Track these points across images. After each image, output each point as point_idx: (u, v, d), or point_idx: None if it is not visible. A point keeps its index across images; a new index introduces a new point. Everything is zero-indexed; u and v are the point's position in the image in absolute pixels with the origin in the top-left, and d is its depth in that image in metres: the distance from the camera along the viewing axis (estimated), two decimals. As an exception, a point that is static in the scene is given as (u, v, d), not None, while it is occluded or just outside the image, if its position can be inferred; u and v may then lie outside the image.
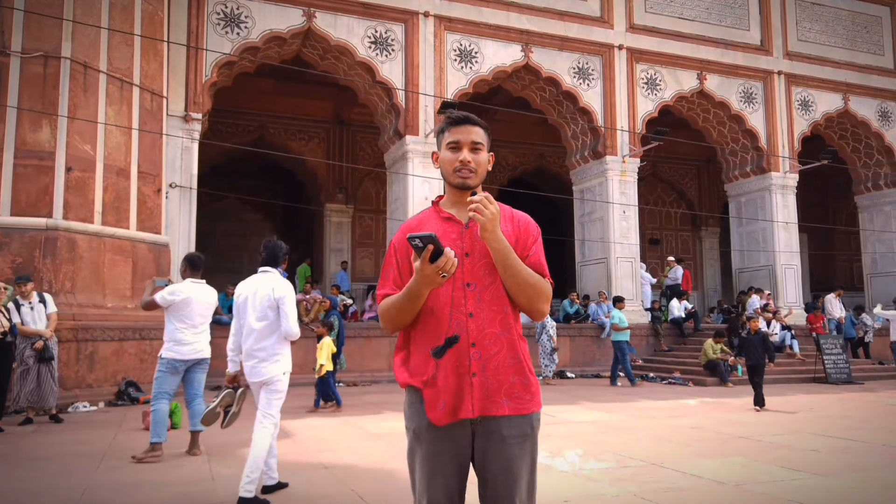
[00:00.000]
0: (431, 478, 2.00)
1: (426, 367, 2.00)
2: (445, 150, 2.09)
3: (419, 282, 1.88)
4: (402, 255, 2.07)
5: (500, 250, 1.94)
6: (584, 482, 4.91)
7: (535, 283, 1.99)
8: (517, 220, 2.10)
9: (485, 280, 1.99)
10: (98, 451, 6.15)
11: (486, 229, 1.90)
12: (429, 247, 1.82)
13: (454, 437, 1.99)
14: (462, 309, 1.97)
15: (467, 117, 2.09)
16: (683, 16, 16.34)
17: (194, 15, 12.51)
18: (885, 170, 18.72)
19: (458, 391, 1.96)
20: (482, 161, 2.08)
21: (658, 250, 22.93)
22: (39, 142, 9.63)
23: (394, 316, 2.02)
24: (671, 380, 13.16)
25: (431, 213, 2.12)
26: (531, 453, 2.03)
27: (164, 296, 5.79)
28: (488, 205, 1.89)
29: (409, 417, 2.07)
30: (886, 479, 5.14)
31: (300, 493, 4.66)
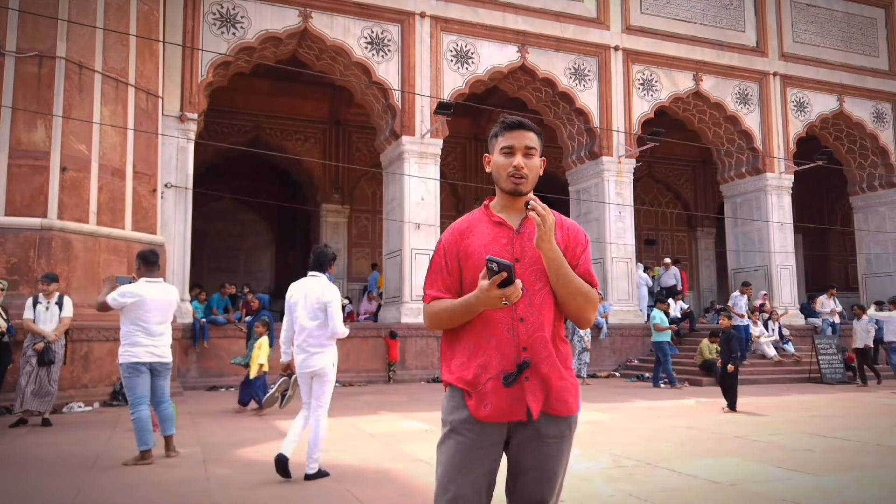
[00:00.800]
0: (462, 471, 1.99)
1: (469, 367, 2.01)
2: (499, 155, 2.09)
3: (479, 300, 1.90)
4: (452, 255, 2.07)
5: (555, 259, 1.96)
6: (579, 482, 4.92)
7: (586, 293, 2.02)
8: (566, 228, 2.11)
9: (535, 286, 2.01)
10: (92, 451, 6.13)
11: (542, 238, 1.93)
12: (502, 273, 1.84)
13: (492, 434, 2.00)
14: (514, 314, 1.99)
15: (521, 122, 2.10)
16: (679, 17, 16.38)
17: (190, 15, 12.50)
18: (879, 171, 18.78)
19: (510, 393, 1.97)
20: (535, 166, 2.08)
21: (654, 251, 22.96)
22: (34, 142, 9.60)
23: (444, 320, 2.04)
24: (667, 380, 13.17)
25: (482, 216, 2.11)
26: (567, 454, 2.06)
27: (116, 297, 5.47)
28: (547, 216, 1.92)
29: (448, 411, 2.06)
30: (881, 478, 5.16)
31: (296, 494, 4.65)
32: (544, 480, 2.01)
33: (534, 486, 2.01)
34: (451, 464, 2.00)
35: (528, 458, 2.00)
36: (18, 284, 8.96)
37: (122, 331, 5.57)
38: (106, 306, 5.57)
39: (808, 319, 16.58)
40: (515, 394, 1.97)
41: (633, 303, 15.58)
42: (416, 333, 13.37)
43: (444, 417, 2.07)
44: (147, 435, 5.51)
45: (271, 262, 22.60)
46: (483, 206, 2.15)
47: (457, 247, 2.06)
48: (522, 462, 2.01)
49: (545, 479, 2.01)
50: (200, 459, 5.77)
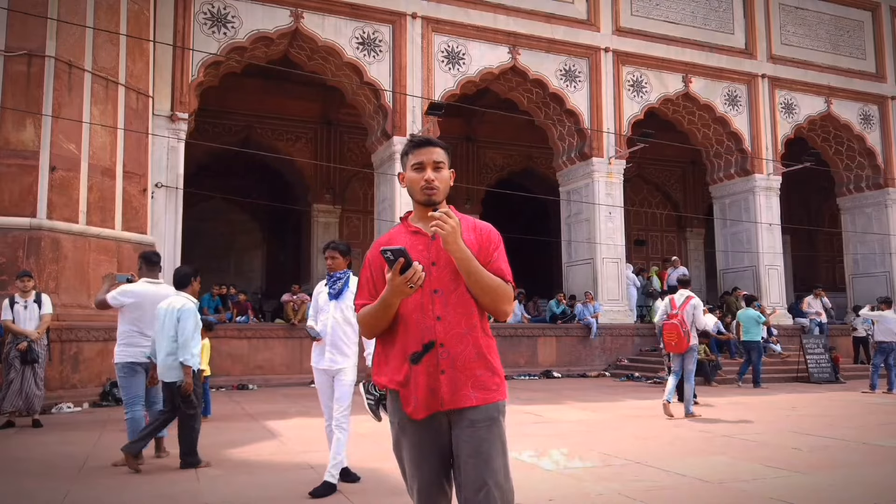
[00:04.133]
0: (419, 464, 2.19)
1: (400, 369, 2.17)
2: (411, 171, 2.27)
3: (390, 292, 2.08)
4: (377, 267, 2.24)
5: (463, 259, 2.11)
6: (568, 481, 4.96)
7: (496, 287, 2.16)
8: (479, 230, 2.27)
9: (450, 286, 2.17)
10: (82, 452, 6.11)
11: (447, 241, 2.08)
12: (399, 259, 2.01)
13: (433, 428, 2.17)
14: (430, 314, 2.15)
15: (428, 140, 2.29)
16: (669, 19, 16.48)
17: (181, 14, 12.45)
18: (866, 172, 18.96)
19: (429, 387, 2.13)
20: (444, 178, 2.27)
21: (644, 251, 23.09)
22: (23, 141, 9.55)
23: (370, 323, 2.21)
24: (657, 379, 13.26)
25: (401, 229, 2.31)
26: (500, 437, 2.18)
27: (116, 296, 5.47)
28: (448, 219, 2.07)
29: (392, 412, 2.26)
30: (866, 476, 5.23)
31: (287, 494, 4.66)
32: (482, 464, 2.12)
33: (474, 472, 2.11)
34: (408, 459, 2.21)
35: (463, 445, 2.14)
36: (7, 284, 8.90)
37: (120, 330, 5.55)
38: (105, 304, 5.56)
39: (796, 319, 16.72)
40: (434, 386, 2.12)
41: (623, 303, 15.66)
42: (407, 333, 13.39)
43: (391, 419, 2.27)
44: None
45: (262, 262, 22.56)
46: (401, 219, 2.34)
47: (379, 259, 2.18)
48: (460, 451, 2.14)
49: (482, 462, 2.12)
50: (191, 459, 5.75)
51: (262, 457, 5.94)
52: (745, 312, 13.08)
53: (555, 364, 14.53)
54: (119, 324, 5.59)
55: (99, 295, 5.72)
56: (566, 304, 15.47)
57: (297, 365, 12.61)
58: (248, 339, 12.55)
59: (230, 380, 12.11)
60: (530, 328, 14.84)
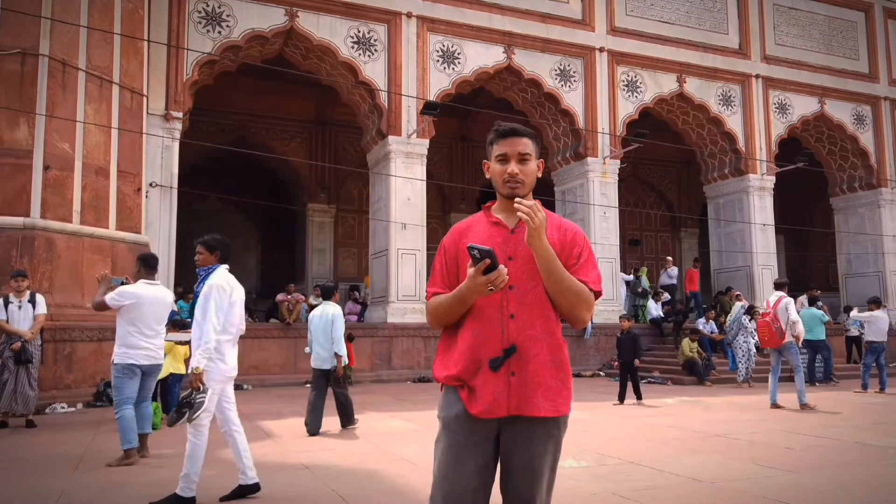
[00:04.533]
0: (453, 466, 2.04)
1: (461, 363, 2.05)
2: (495, 163, 2.16)
3: (469, 289, 1.96)
4: (451, 255, 2.15)
5: (545, 257, 2.00)
6: (563, 481, 4.94)
7: (577, 291, 2.04)
8: (564, 229, 2.16)
9: (527, 284, 2.05)
10: (76, 452, 6.09)
11: (532, 235, 1.97)
12: (485, 260, 1.90)
13: (482, 431, 2.04)
14: (504, 311, 2.04)
15: (514, 129, 2.15)
16: (664, 19, 16.52)
17: (175, 13, 12.43)
18: (859, 172, 19.06)
19: (496, 388, 2.01)
20: (530, 171, 2.14)
21: (638, 251, 23.14)
22: (17, 140, 9.51)
23: (441, 314, 2.10)
24: (650, 379, 13.30)
25: (482, 217, 2.19)
26: (554, 453, 2.10)
27: (115, 297, 5.54)
28: (537, 212, 1.96)
29: (442, 407, 2.12)
30: (858, 475, 5.25)
31: (281, 494, 4.66)
32: (531, 479, 2.04)
33: (522, 485, 2.04)
34: (444, 459, 2.05)
35: (517, 457, 2.04)
36: (0, 285, 8.87)
37: (119, 331, 5.60)
38: (104, 305, 5.62)
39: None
40: (502, 389, 2.00)
41: (618, 303, 15.70)
42: (402, 333, 13.40)
43: (439, 414, 2.13)
44: (131, 434, 5.57)
45: (257, 262, 22.49)
46: (484, 208, 2.23)
47: (455, 246, 2.13)
48: (511, 461, 2.05)
49: (532, 478, 2.04)
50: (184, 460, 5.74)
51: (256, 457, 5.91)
52: (808, 312, 13.09)
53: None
54: (118, 325, 5.63)
55: (97, 297, 5.78)
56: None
57: (292, 365, 12.61)
58: (242, 338, 12.49)
59: (225, 380, 12.08)
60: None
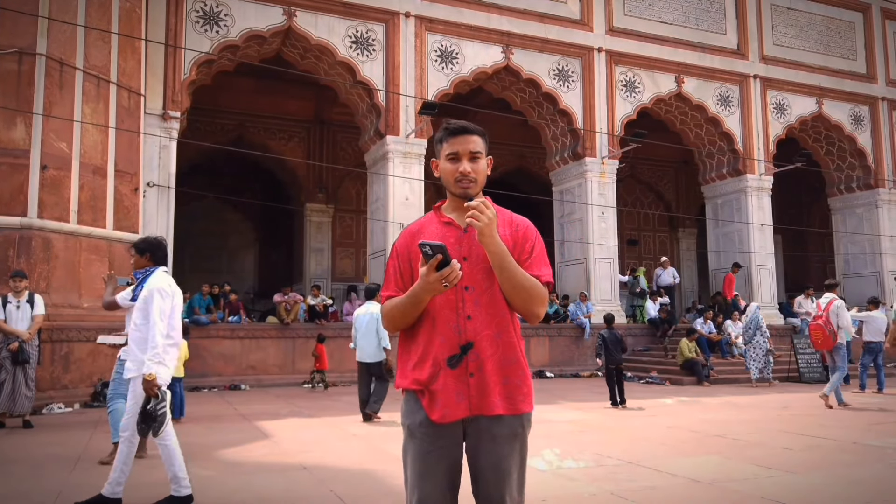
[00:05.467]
0: (424, 474, 2.02)
1: (423, 369, 2.03)
2: (445, 161, 2.12)
3: (422, 288, 1.94)
4: (404, 258, 2.11)
5: (497, 253, 1.97)
6: (561, 481, 4.96)
7: (529, 287, 2.01)
8: (516, 225, 2.13)
9: (483, 284, 2.03)
10: (73, 453, 6.07)
11: (482, 233, 1.94)
12: (437, 256, 1.87)
13: (446, 435, 2.02)
14: (460, 312, 2.01)
15: (464, 127, 2.12)
16: (662, 19, 16.53)
17: (173, 12, 12.40)
18: (857, 172, 19.08)
19: (456, 391, 1.99)
20: (481, 169, 2.11)
21: (636, 251, 23.16)
22: (13, 140, 9.48)
23: (396, 317, 2.07)
24: (649, 379, 13.31)
25: (432, 218, 2.16)
26: (520, 452, 2.07)
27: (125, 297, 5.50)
28: (485, 210, 1.93)
29: (405, 414, 2.10)
30: (856, 476, 5.25)
31: (280, 495, 4.65)
32: (501, 481, 2.02)
33: (492, 486, 2.02)
34: (413, 468, 2.04)
35: (483, 458, 2.02)
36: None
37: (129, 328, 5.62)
38: (115, 305, 5.62)
39: (787, 319, 16.81)
40: (462, 391, 1.99)
41: (616, 303, 15.70)
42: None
43: (403, 421, 2.11)
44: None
45: (255, 262, 22.49)
46: (434, 208, 2.19)
47: (408, 248, 2.09)
48: (478, 464, 2.03)
49: (500, 479, 2.02)
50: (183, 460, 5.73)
51: (254, 457, 5.93)
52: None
53: (547, 364, 14.55)
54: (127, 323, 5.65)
55: (106, 297, 5.82)
56: (559, 304, 15.49)
57: (290, 365, 12.60)
58: (240, 339, 12.52)
59: (222, 380, 12.07)
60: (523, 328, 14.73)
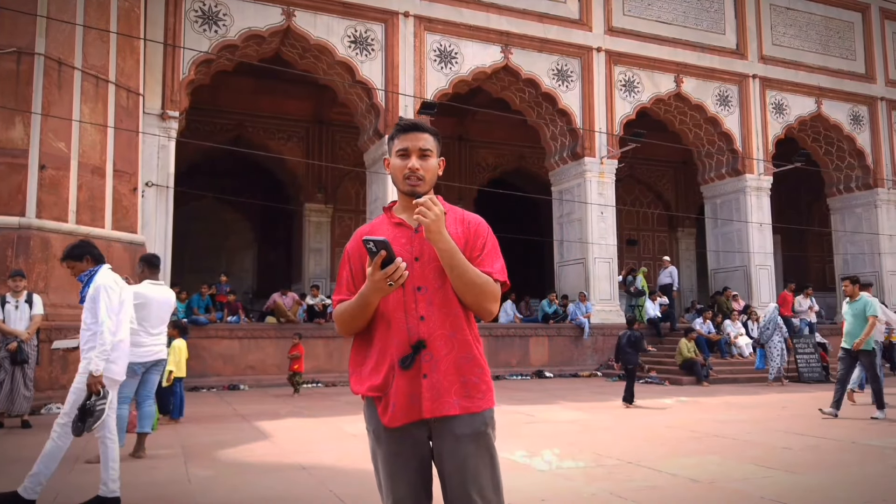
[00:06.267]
0: (394, 477, 2.01)
1: (378, 373, 2.00)
2: (395, 157, 2.10)
3: (369, 288, 1.92)
4: (356, 260, 2.08)
5: (446, 250, 1.94)
6: (561, 481, 4.96)
7: (481, 284, 1.98)
8: (467, 222, 2.10)
9: (435, 283, 2.00)
10: (71, 453, 6.03)
11: (430, 230, 1.91)
12: (381, 252, 1.85)
13: (412, 437, 2.00)
14: (413, 313, 1.98)
15: (416, 124, 2.11)
16: (661, 19, 16.53)
17: (171, 12, 12.39)
18: (856, 172, 19.09)
19: (409, 393, 1.96)
20: (431, 167, 2.09)
21: (636, 251, 23.16)
22: (12, 139, 9.47)
23: (346, 321, 2.04)
24: (648, 379, 13.31)
25: (383, 219, 2.14)
26: (488, 449, 2.01)
27: None
28: (432, 206, 1.91)
29: (368, 419, 2.09)
30: (855, 475, 5.25)
31: (278, 495, 4.64)
32: (469, 482, 1.95)
33: (459, 489, 1.96)
34: (383, 471, 2.03)
35: (447, 460, 1.98)
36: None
37: None
38: None
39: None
40: (414, 392, 1.95)
41: (615, 303, 15.71)
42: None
43: (367, 426, 2.10)
44: (121, 434, 5.59)
45: (253, 262, 22.47)
46: (384, 210, 2.17)
47: (359, 251, 2.04)
48: (443, 467, 1.99)
49: (470, 480, 1.95)
50: (182, 461, 5.73)
51: (253, 458, 5.92)
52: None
53: (547, 364, 14.55)
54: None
55: None
56: (558, 303, 15.49)
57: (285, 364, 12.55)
58: (238, 339, 12.50)
59: (221, 380, 12.06)
60: (522, 328, 14.85)
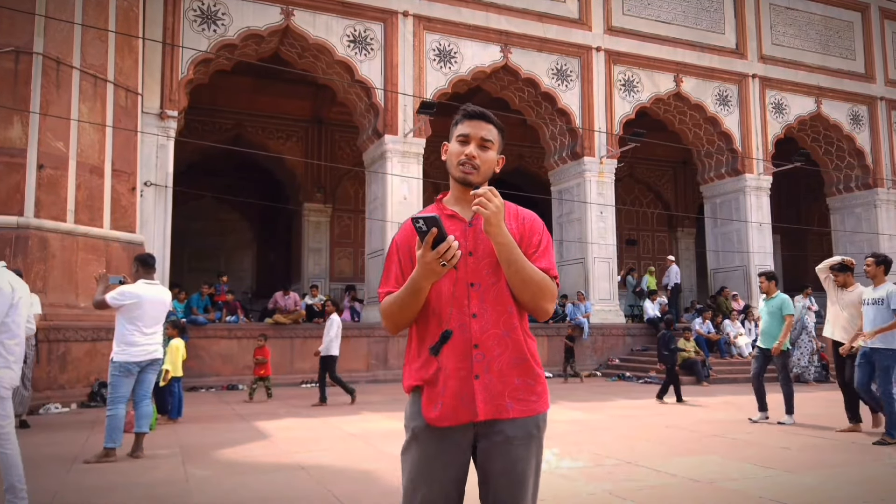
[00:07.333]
0: (427, 480, 1.91)
1: (428, 369, 1.94)
2: (454, 142, 2.04)
3: (420, 272, 1.82)
4: (405, 252, 2.00)
5: (505, 244, 1.87)
6: (560, 481, 4.95)
7: (539, 281, 1.91)
8: (522, 217, 2.04)
9: (489, 279, 1.93)
10: (69, 453, 6.05)
11: (490, 223, 1.84)
12: (432, 230, 1.75)
13: (454, 440, 1.92)
14: (465, 310, 1.91)
15: (483, 113, 2.04)
16: (660, 18, 16.52)
17: (170, 11, 12.37)
18: (855, 172, 19.09)
19: (460, 393, 1.89)
20: (488, 159, 2.02)
21: (635, 251, 23.15)
22: (10, 139, 9.45)
23: (395, 313, 1.95)
24: (647, 379, 13.29)
25: (434, 210, 2.06)
26: (536, 455, 1.97)
27: (115, 297, 5.63)
28: (493, 198, 1.84)
29: (409, 416, 2.00)
30: (854, 475, 5.25)
31: (277, 495, 4.63)
32: (515, 485, 1.90)
33: (505, 492, 1.91)
34: (416, 472, 1.93)
35: (496, 463, 1.91)
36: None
37: (118, 329, 5.67)
38: (104, 304, 5.69)
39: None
40: (465, 393, 1.88)
41: (614, 302, 15.70)
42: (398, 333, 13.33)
43: (406, 423, 2.00)
44: (117, 434, 5.61)
45: (253, 262, 22.46)
46: (436, 200, 2.09)
47: (408, 243, 1.98)
48: (490, 468, 1.92)
49: (515, 483, 1.91)
50: (180, 461, 5.72)
51: (252, 458, 5.91)
52: None
53: (546, 364, 14.52)
54: (118, 323, 5.71)
55: (97, 296, 5.87)
56: (557, 303, 15.49)
57: (288, 365, 12.57)
58: (237, 339, 12.48)
59: (220, 380, 12.05)
60: (521, 327, 14.82)
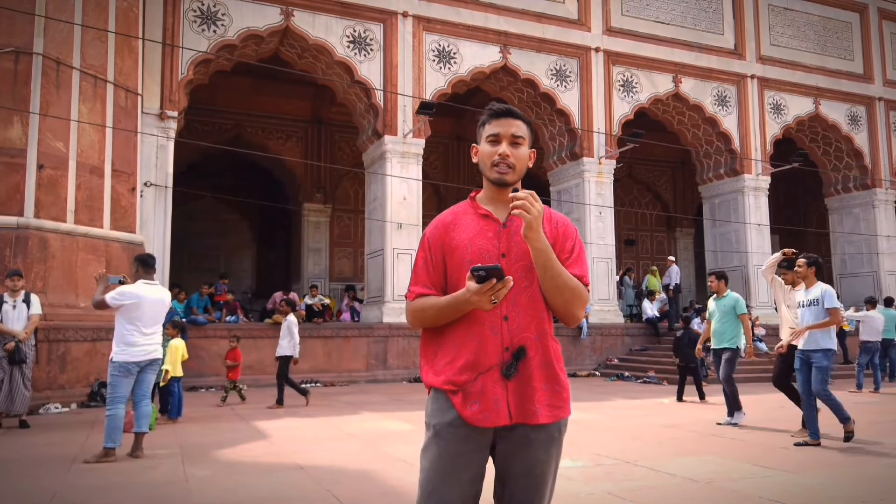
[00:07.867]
0: (447, 479, 1.89)
1: (452, 366, 1.91)
2: (485, 144, 2.01)
3: (468, 301, 1.81)
4: (436, 249, 1.98)
5: (542, 250, 1.85)
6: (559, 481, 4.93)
7: (573, 287, 1.90)
8: (556, 221, 2.02)
9: (521, 283, 1.91)
10: (69, 453, 6.06)
11: (530, 227, 1.82)
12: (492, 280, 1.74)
13: (476, 440, 1.91)
14: (497, 312, 1.89)
15: (509, 110, 2.02)
16: (659, 19, 16.54)
17: (170, 12, 12.38)
18: (854, 172, 19.12)
19: (494, 396, 1.88)
20: (522, 156, 2.00)
21: (634, 251, 23.18)
22: (10, 139, 9.46)
23: (430, 318, 1.94)
24: (646, 379, 13.32)
25: (467, 208, 2.03)
26: (556, 458, 1.99)
27: (115, 297, 5.64)
28: (534, 202, 1.82)
29: (432, 414, 1.96)
30: (854, 475, 5.26)
31: (276, 495, 4.64)
32: (532, 486, 1.92)
33: (522, 493, 1.92)
34: (435, 470, 1.90)
35: (517, 463, 1.92)
36: (-6, 284, 8.81)
37: (118, 329, 5.68)
38: (104, 304, 5.70)
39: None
40: (500, 396, 1.87)
41: (613, 302, 15.73)
42: (397, 333, 13.37)
43: (428, 421, 1.97)
44: (117, 433, 5.61)
45: (252, 262, 22.44)
46: (469, 198, 2.06)
47: (441, 241, 1.97)
48: (510, 468, 1.93)
49: (534, 485, 1.92)
50: (180, 461, 5.73)
51: (251, 457, 5.92)
52: (886, 312, 12.80)
53: (545, 363, 14.55)
54: (117, 323, 5.72)
55: (96, 296, 5.88)
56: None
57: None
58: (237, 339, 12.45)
59: (220, 380, 12.03)
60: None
